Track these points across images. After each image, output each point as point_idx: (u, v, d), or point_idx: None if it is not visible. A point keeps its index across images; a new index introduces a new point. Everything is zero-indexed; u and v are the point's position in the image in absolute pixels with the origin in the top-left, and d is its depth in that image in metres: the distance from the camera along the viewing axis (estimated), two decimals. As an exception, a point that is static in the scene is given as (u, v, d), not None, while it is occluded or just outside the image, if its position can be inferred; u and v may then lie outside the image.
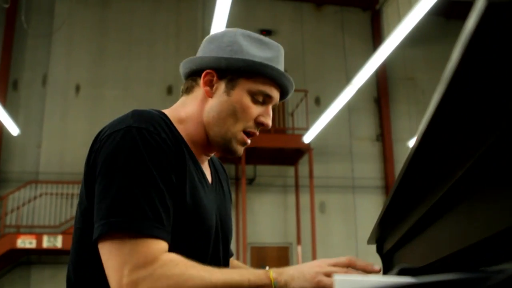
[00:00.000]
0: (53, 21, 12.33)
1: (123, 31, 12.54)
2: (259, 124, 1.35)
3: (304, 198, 11.79)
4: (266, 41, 1.39)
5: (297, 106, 12.25)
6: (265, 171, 12.31)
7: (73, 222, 7.81)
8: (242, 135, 1.34)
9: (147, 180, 1.10)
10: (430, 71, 13.65)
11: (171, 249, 1.11)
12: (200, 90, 1.36)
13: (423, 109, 13.32)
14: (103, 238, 1.08)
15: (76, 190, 11.12)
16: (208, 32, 13.39)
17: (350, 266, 1.17)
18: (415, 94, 13.52)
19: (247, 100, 1.32)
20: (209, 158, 1.44)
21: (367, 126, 13.26)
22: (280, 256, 12.03)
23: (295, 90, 10.46)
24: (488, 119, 0.61)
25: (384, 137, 13.11)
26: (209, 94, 1.34)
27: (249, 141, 1.36)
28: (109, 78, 12.25)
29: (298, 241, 11.78)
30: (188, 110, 1.36)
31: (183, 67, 1.42)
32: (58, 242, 10.15)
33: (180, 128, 1.30)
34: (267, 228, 11.92)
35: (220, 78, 1.33)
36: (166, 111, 1.34)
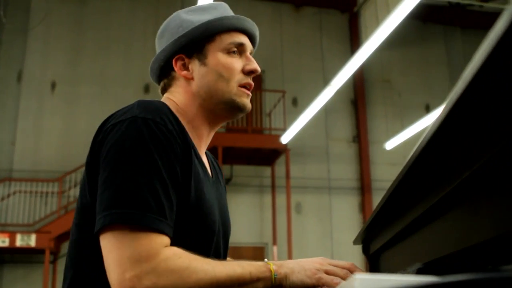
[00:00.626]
0: (29, 16, 12.17)
1: (100, 29, 12.44)
2: (248, 73, 1.36)
3: (280, 199, 11.81)
4: (207, 4, 1.41)
5: (274, 106, 12.27)
6: (241, 171, 12.31)
7: (47, 220, 7.70)
8: (240, 89, 1.34)
9: (152, 171, 1.07)
10: (406, 74, 13.80)
11: (174, 243, 1.08)
12: (178, 81, 1.37)
13: (399, 111, 13.47)
14: (105, 231, 1.05)
15: (51, 188, 11.01)
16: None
17: (350, 271, 1.17)
18: (392, 96, 13.64)
19: (224, 58, 1.33)
20: (207, 147, 1.42)
21: (344, 128, 13.34)
22: (256, 256, 12.04)
23: (273, 91, 10.51)
24: (492, 130, 0.64)
25: (360, 139, 13.21)
26: (189, 76, 1.34)
27: (249, 92, 1.37)
28: (85, 76, 12.13)
29: (274, 241, 11.81)
30: (181, 101, 1.35)
31: (152, 73, 1.42)
32: (32, 241, 10.02)
33: (182, 118, 1.28)
34: (243, 228, 11.91)
35: (189, 56, 1.34)
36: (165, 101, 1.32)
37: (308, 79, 13.07)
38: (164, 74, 1.39)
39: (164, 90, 1.41)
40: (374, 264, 1.58)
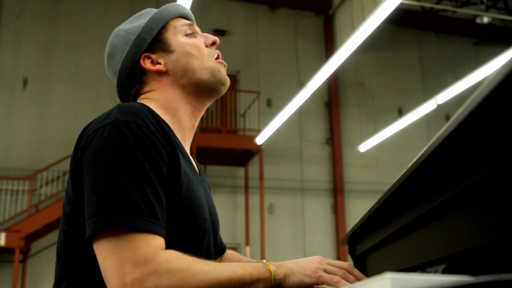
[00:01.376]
0: (2, 12, 11.98)
1: (74, 26, 12.30)
2: (212, 45, 1.41)
3: (254, 199, 11.84)
4: (139, 13, 1.46)
5: (249, 107, 12.29)
6: (215, 171, 12.30)
7: (17, 219, 7.58)
8: (215, 62, 1.38)
9: (139, 173, 1.06)
10: (379, 77, 13.94)
11: (167, 243, 1.08)
12: (150, 81, 1.37)
13: (372, 113, 13.60)
14: (98, 236, 1.03)
15: (21, 186, 10.84)
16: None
17: (347, 271, 1.19)
18: (365, 99, 13.77)
19: (186, 40, 1.37)
20: (190, 143, 1.42)
21: (317, 129, 13.42)
22: (228, 257, 12.02)
23: (248, 92, 10.51)
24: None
25: (334, 141, 13.30)
26: (163, 69, 1.35)
27: (223, 62, 1.40)
28: (58, 73, 11.98)
29: (247, 242, 11.82)
30: (160, 97, 1.35)
31: (121, 85, 1.41)
32: (1, 239, 9.86)
33: (164, 115, 1.28)
34: (216, 229, 11.88)
35: (153, 52, 1.36)
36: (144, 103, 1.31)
37: (282, 80, 13.12)
38: (133, 81, 1.39)
39: (136, 96, 1.40)
40: (360, 265, 1.60)
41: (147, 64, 1.35)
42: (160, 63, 1.35)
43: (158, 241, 1.04)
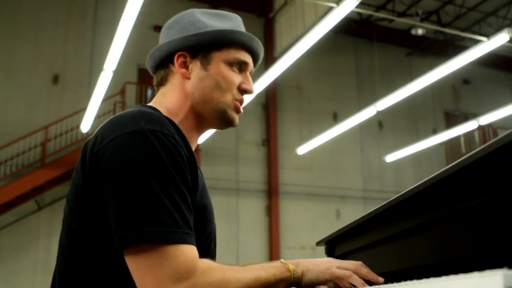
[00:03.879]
0: None
1: (8, 14, 11.84)
2: (242, 91, 1.37)
3: (188, 199, 11.77)
4: (223, 13, 1.42)
5: (186, 106, 12.20)
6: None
7: None
8: (234, 103, 1.35)
9: (171, 184, 1.05)
10: (315, 82, 14.16)
11: None
12: (175, 77, 1.35)
13: (308, 117, 13.80)
14: (133, 249, 1.02)
15: None
16: (100, 22, 12.87)
17: (357, 270, 1.23)
18: (302, 102, 13.96)
19: (225, 70, 1.33)
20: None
21: (254, 131, 13.49)
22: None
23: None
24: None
25: (270, 143, 13.41)
26: (186, 75, 1.33)
27: (241, 108, 1.38)
28: (-12, 62, 11.53)
29: (179, 241, 11.73)
30: (173, 100, 1.33)
31: (151, 59, 1.40)
32: None
33: (175, 120, 1.26)
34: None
35: (193, 57, 1.34)
36: (156, 107, 1.29)
37: (221, 80, 13.10)
38: (162, 64, 1.38)
39: (159, 84, 1.38)
40: None
41: (178, 62, 1.34)
42: (189, 70, 1.33)
43: (194, 252, 1.06)
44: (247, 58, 1.38)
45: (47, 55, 11.71)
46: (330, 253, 1.76)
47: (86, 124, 10.57)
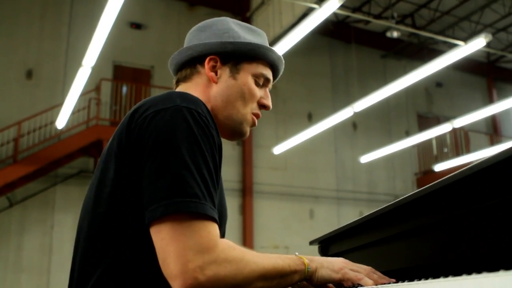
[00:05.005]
0: None
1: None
2: (261, 106, 1.44)
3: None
4: (253, 28, 1.47)
5: (162, 103, 12.15)
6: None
7: None
8: (251, 116, 1.41)
9: (201, 161, 1.09)
10: (291, 82, 14.21)
11: None
12: (200, 77, 1.39)
13: (283, 118, 13.87)
14: (161, 220, 1.04)
15: None
16: (76, 18, 12.72)
17: (369, 275, 1.25)
18: (277, 103, 14.01)
19: (251, 83, 1.38)
20: None
21: (230, 130, 13.47)
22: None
23: (162, 87, 10.38)
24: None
25: (245, 142, 13.43)
26: (215, 80, 1.36)
27: (256, 122, 1.43)
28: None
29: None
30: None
31: (179, 56, 1.43)
32: None
33: None
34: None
35: (223, 63, 1.37)
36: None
37: (197, 79, 13.08)
38: (190, 64, 1.41)
39: (181, 81, 1.42)
40: None
41: (209, 65, 1.37)
42: (217, 75, 1.37)
43: (216, 230, 1.08)
44: (271, 75, 1.45)
45: (21, 49, 11.57)
46: (323, 252, 1.81)
47: (62, 120, 10.46)
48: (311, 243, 1.86)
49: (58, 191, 11.28)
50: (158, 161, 1.08)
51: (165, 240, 1.03)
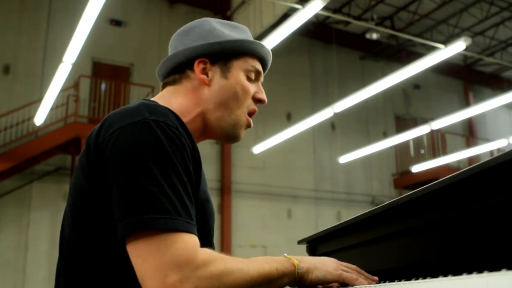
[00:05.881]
0: None
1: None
2: (257, 101, 1.43)
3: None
4: (235, 24, 1.45)
5: (141, 101, 12.09)
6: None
7: None
8: (246, 117, 1.39)
9: (173, 174, 1.06)
10: (270, 82, 14.24)
11: None
12: (190, 81, 1.35)
13: (263, 117, 13.89)
14: (134, 237, 1.02)
15: None
16: (54, 13, 12.59)
17: (357, 272, 1.25)
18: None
19: (243, 79, 1.37)
20: None
21: (209, 129, 13.46)
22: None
23: (141, 85, 10.31)
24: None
25: (224, 141, 13.43)
26: (206, 82, 1.34)
27: (252, 122, 1.41)
28: None
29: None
30: (182, 102, 1.33)
31: (164, 66, 1.39)
32: None
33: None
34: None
35: (213, 64, 1.35)
36: (159, 102, 1.27)
37: (177, 77, 13.03)
38: (178, 70, 1.38)
39: (169, 84, 1.39)
40: None
41: (199, 68, 1.34)
42: (208, 76, 1.34)
43: (194, 240, 1.05)
44: (261, 68, 1.43)
45: (-2, 44, 11.44)
46: (312, 252, 1.80)
47: (40, 117, 10.36)
48: (299, 242, 1.86)
49: (34, 188, 11.17)
50: (127, 178, 1.05)
51: (141, 257, 1.02)
